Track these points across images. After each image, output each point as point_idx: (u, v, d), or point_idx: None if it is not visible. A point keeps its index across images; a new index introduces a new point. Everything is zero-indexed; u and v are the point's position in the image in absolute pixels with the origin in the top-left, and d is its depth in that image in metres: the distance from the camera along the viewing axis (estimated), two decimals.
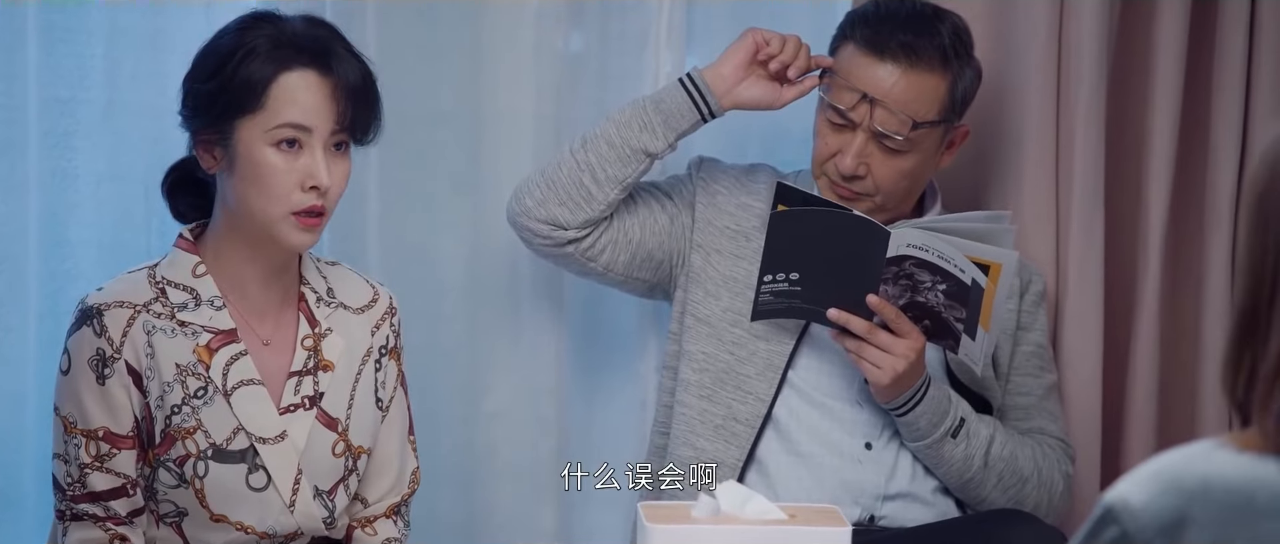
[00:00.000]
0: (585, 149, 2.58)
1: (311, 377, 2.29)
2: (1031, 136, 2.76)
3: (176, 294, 2.23)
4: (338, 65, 2.20)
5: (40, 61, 2.62)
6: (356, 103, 2.21)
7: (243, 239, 2.24)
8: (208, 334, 2.23)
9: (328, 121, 2.19)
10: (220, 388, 2.22)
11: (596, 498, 2.86)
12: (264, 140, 2.18)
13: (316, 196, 2.20)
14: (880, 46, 2.52)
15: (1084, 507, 2.70)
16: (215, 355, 2.23)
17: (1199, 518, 1.39)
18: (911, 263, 2.45)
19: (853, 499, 2.55)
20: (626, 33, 2.82)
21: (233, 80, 2.17)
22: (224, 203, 2.24)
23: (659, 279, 2.67)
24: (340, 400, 2.30)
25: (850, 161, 2.53)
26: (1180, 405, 2.87)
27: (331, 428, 2.29)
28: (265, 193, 2.19)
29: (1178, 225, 2.84)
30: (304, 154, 2.19)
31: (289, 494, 2.25)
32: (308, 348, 2.29)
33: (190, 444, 2.21)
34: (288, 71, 2.18)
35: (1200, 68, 2.82)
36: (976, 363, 2.52)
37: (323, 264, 2.37)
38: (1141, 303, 2.82)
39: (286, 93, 2.18)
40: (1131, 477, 1.42)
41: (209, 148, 2.22)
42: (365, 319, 2.35)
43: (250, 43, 2.18)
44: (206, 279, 2.25)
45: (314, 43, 2.20)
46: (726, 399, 2.59)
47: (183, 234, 2.28)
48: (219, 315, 2.24)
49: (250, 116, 2.18)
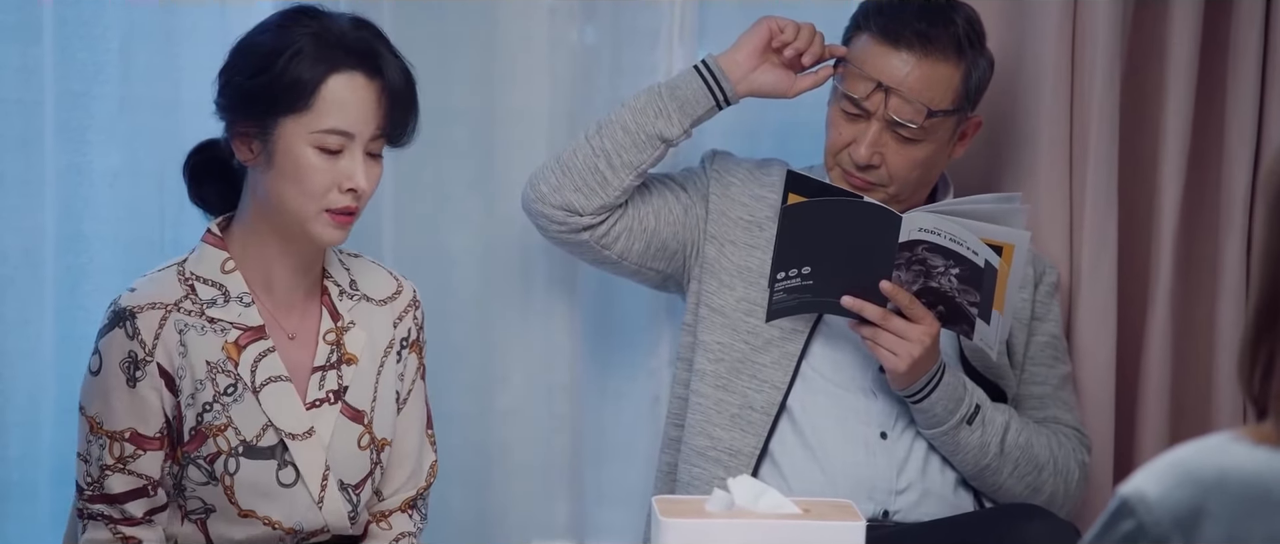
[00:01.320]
0: (600, 135, 2.59)
1: (335, 371, 2.29)
2: (1045, 128, 2.76)
3: (205, 290, 2.23)
4: (385, 68, 2.21)
5: (56, 57, 2.62)
6: (398, 108, 2.22)
7: (272, 232, 2.24)
8: (236, 330, 2.23)
9: (371, 127, 2.20)
10: (249, 385, 2.22)
11: (610, 494, 2.87)
12: (307, 141, 2.18)
13: (352, 198, 2.20)
14: (895, 36, 2.52)
15: (1097, 499, 2.70)
16: (243, 352, 2.23)
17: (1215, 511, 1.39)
18: (924, 248, 2.45)
19: (866, 494, 2.55)
20: (639, 27, 2.82)
21: (281, 78, 2.17)
22: (255, 195, 2.24)
23: (672, 270, 2.67)
24: (365, 393, 2.30)
25: (865, 150, 2.53)
26: (1194, 398, 2.87)
27: (357, 421, 2.29)
28: (302, 190, 2.19)
29: (1192, 217, 2.84)
30: (344, 158, 2.20)
31: (318, 490, 2.25)
32: (330, 342, 2.29)
33: (221, 441, 2.21)
34: (337, 73, 2.18)
35: (1214, 58, 2.81)
36: (992, 347, 2.52)
37: (345, 256, 2.37)
38: (1155, 295, 2.82)
39: (335, 96, 2.18)
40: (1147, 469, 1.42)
41: (247, 141, 2.21)
42: (388, 311, 2.35)
43: (298, 42, 2.18)
44: (235, 275, 2.25)
45: (361, 44, 2.20)
46: (742, 388, 2.59)
47: (211, 229, 2.28)
48: (247, 312, 2.24)
49: (296, 116, 2.18)
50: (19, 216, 2.63)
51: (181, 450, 2.21)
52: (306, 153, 2.18)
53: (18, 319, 2.65)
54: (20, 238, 2.64)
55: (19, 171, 2.63)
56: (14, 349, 2.65)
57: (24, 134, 2.62)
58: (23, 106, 2.62)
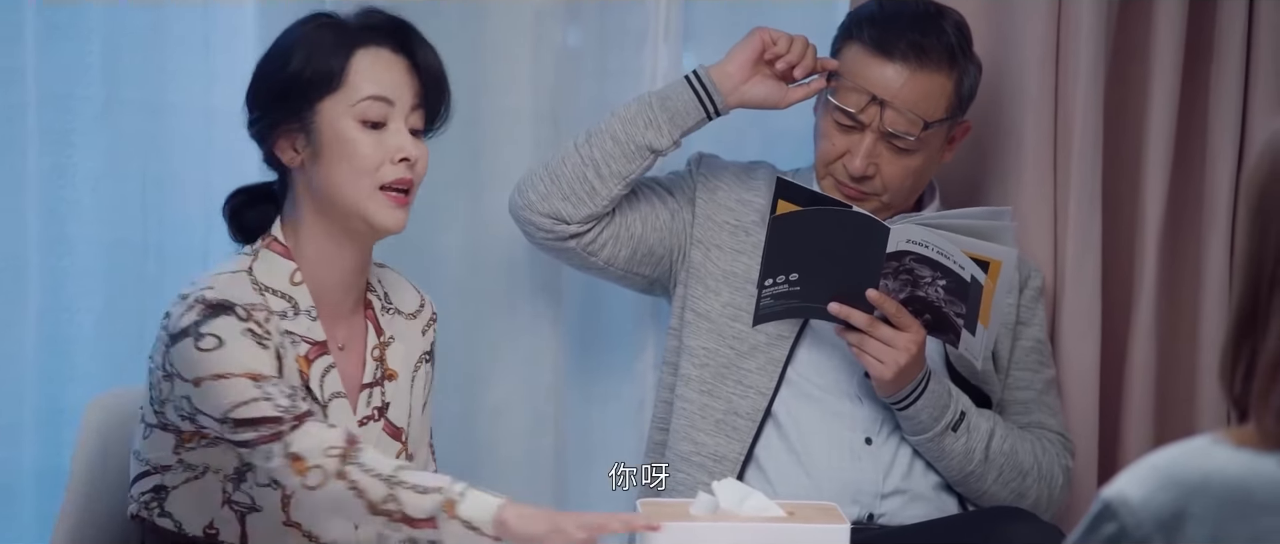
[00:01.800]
0: (590, 144, 2.58)
1: (380, 387, 2.28)
2: (1029, 132, 2.76)
3: (275, 302, 2.18)
4: (411, 44, 2.21)
5: (38, 59, 2.62)
6: (432, 84, 2.22)
7: (327, 234, 2.21)
8: (306, 345, 2.20)
9: (407, 97, 2.20)
10: (319, 399, 2.20)
11: (595, 494, 2.86)
12: (349, 115, 2.18)
13: (406, 168, 2.19)
14: (888, 47, 2.52)
15: (1081, 502, 2.70)
16: (312, 366, 2.20)
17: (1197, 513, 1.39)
18: (911, 258, 2.45)
19: (851, 497, 2.55)
20: (625, 28, 2.82)
21: (309, 65, 2.17)
22: (309, 196, 2.21)
23: (659, 274, 2.67)
24: (402, 410, 2.30)
25: (860, 163, 2.53)
26: (1178, 401, 2.87)
27: (396, 438, 2.29)
28: (354, 168, 2.17)
29: (1175, 220, 2.84)
30: (388, 131, 2.19)
31: None
32: (376, 358, 2.28)
33: None
34: (363, 48, 2.19)
35: (1198, 62, 2.82)
36: (977, 358, 2.53)
37: (377, 267, 2.35)
38: (1139, 298, 2.82)
39: (365, 67, 2.19)
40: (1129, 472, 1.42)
41: (290, 139, 2.19)
42: (417, 325, 2.35)
43: (318, 34, 2.19)
44: (303, 288, 2.21)
45: (385, 23, 2.22)
46: (727, 394, 2.59)
47: (276, 237, 2.22)
48: (314, 326, 2.21)
49: (331, 96, 2.18)
50: (2, 219, 2.63)
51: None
52: (350, 128, 2.18)
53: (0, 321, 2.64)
54: (3, 241, 2.63)
55: (2, 174, 2.62)
56: None
57: (6, 136, 2.62)
58: (5, 109, 2.62)
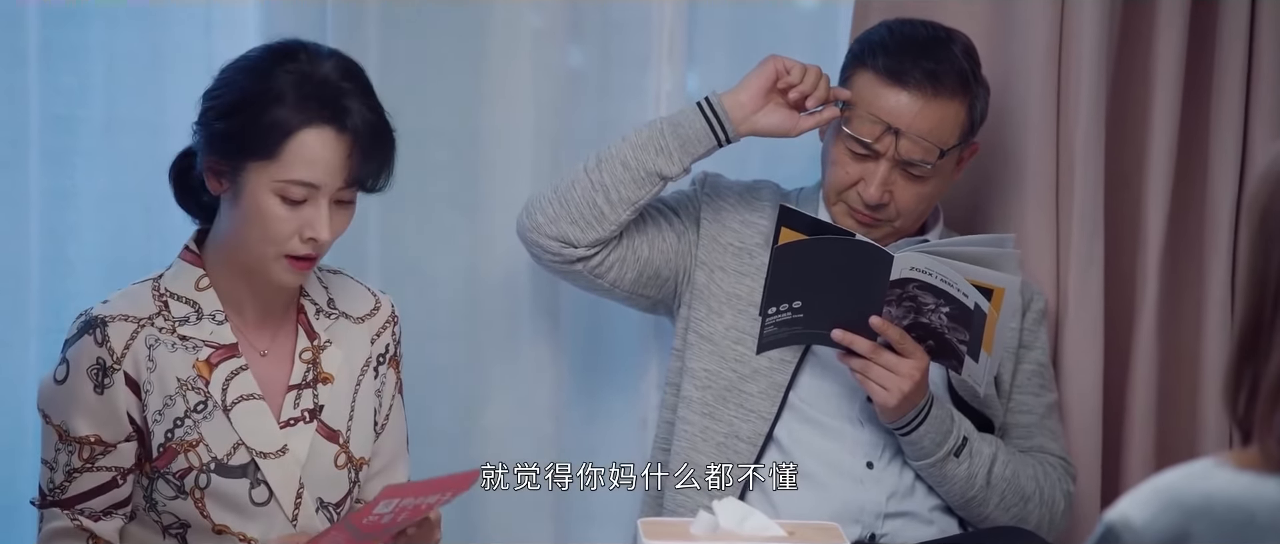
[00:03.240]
0: (600, 169, 2.58)
1: (311, 390, 2.29)
2: (1032, 154, 2.76)
3: (179, 307, 2.24)
4: (356, 121, 2.18)
5: (41, 79, 2.62)
6: (369, 158, 2.20)
7: (239, 263, 2.25)
8: (208, 349, 2.23)
9: (337, 179, 2.19)
10: (220, 403, 2.22)
11: (595, 516, 2.86)
12: (271, 188, 2.17)
13: (312, 246, 2.20)
14: (901, 75, 2.51)
15: (1083, 524, 2.70)
16: (215, 370, 2.23)
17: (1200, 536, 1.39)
18: (915, 286, 2.44)
19: (853, 518, 2.54)
20: (627, 50, 2.82)
21: (254, 125, 2.16)
22: (223, 226, 2.24)
23: (663, 296, 2.67)
24: (341, 413, 2.30)
25: (875, 191, 2.52)
26: (1180, 423, 2.87)
27: (333, 440, 2.29)
28: (263, 235, 2.19)
29: (1177, 242, 2.84)
30: (308, 207, 2.19)
31: (291, 508, 2.25)
32: (306, 361, 2.29)
33: (192, 457, 2.21)
34: (308, 128, 2.16)
35: (1199, 84, 2.82)
36: (980, 385, 2.52)
37: (324, 273, 2.37)
38: (1141, 320, 2.82)
39: (302, 150, 2.17)
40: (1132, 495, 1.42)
41: (217, 175, 2.21)
42: (366, 328, 2.35)
43: (276, 88, 2.16)
44: (209, 293, 2.25)
45: (339, 96, 2.18)
46: (728, 417, 2.59)
47: (188, 245, 2.28)
48: (220, 330, 2.24)
49: (262, 163, 2.17)
50: (3, 240, 2.64)
51: (151, 466, 2.21)
52: (270, 201, 2.18)
53: (1, 342, 2.64)
54: (4, 261, 2.64)
55: (3, 194, 2.63)
56: None
57: (8, 157, 2.63)
58: (7, 130, 2.63)
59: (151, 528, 2.25)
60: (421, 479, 2.13)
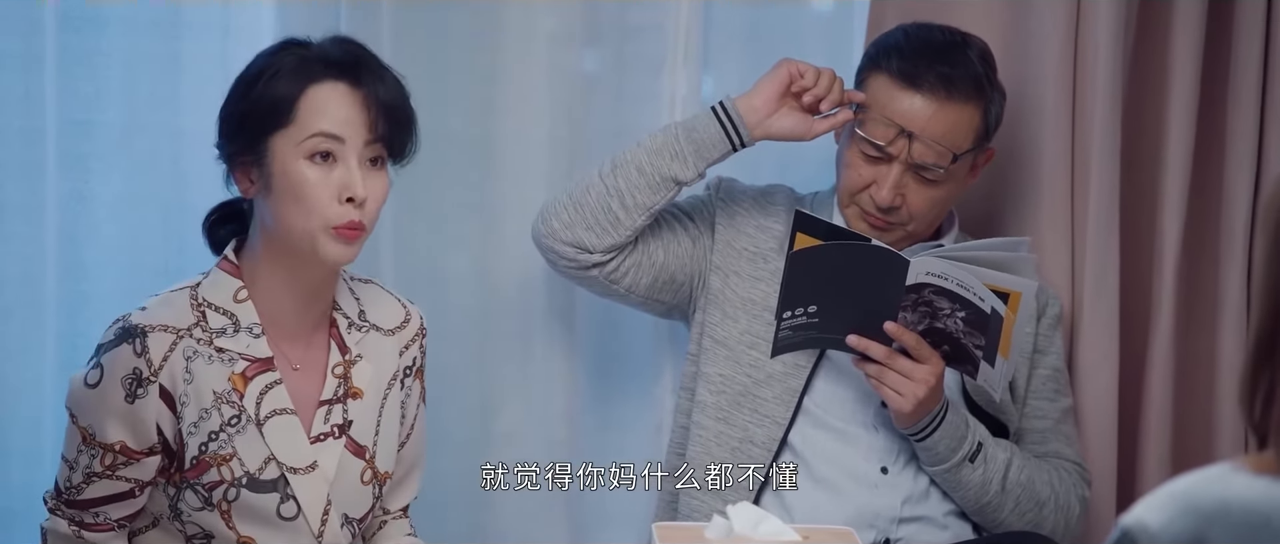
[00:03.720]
0: (615, 174, 2.58)
1: (341, 405, 2.28)
2: (1047, 158, 2.76)
3: (216, 318, 2.22)
4: (367, 78, 2.20)
5: (58, 85, 2.63)
6: (390, 115, 2.20)
7: (281, 262, 2.23)
8: (244, 362, 2.22)
9: (360, 132, 2.19)
10: (253, 417, 2.21)
11: (610, 521, 2.86)
12: (297, 153, 2.17)
13: (354, 209, 2.18)
14: (915, 78, 2.51)
15: (1099, 528, 2.70)
16: (250, 383, 2.22)
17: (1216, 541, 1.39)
18: (930, 291, 2.44)
19: (868, 523, 2.54)
20: (642, 54, 2.82)
21: (262, 98, 2.17)
22: (263, 226, 2.23)
23: (678, 301, 2.67)
24: (368, 428, 2.30)
25: (887, 194, 2.52)
26: (1196, 427, 2.86)
27: (360, 456, 2.29)
28: (302, 207, 2.17)
29: (1193, 246, 2.84)
30: (338, 166, 2.18)
31: (318, 524, 2.24)
32: (338, 376, 2.29)
33: (225, 471, 2.20)
34: (316, 83, 2.18)
35: (1216, 87, 2.82)
36: (996, 390, 2.52)
37: (356, 282, 2.36)
38: (1157, 324, 2.82)
39: (316, 104, 2.17)
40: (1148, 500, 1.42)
41: (246, 171, 2.21)
42: (395, 341, 2.35)
43: (277, 64, 2.19)
44: (247, 305, 2.23)
45: (343, 57, 2.20)
46: (743, 422, 2.59)
47: (227, 256, 2.26)
48: (256, 343, 2.23)
49: (282, 131, 2.17)
50: (20, 244, 2.64)
51: (181, 475, 2.21)
52: (300, 166, 2.17)
53: (18, 347, 2.66)
54: (21, 265, 2.65)
55: (21, 199, 2.64)
56: (15, 377, 2.66)
57: (26, 162, 2.63)
58: (25, 135, 2.63)
59: (174, 536, 2.25)
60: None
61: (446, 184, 2.79)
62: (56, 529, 2.24)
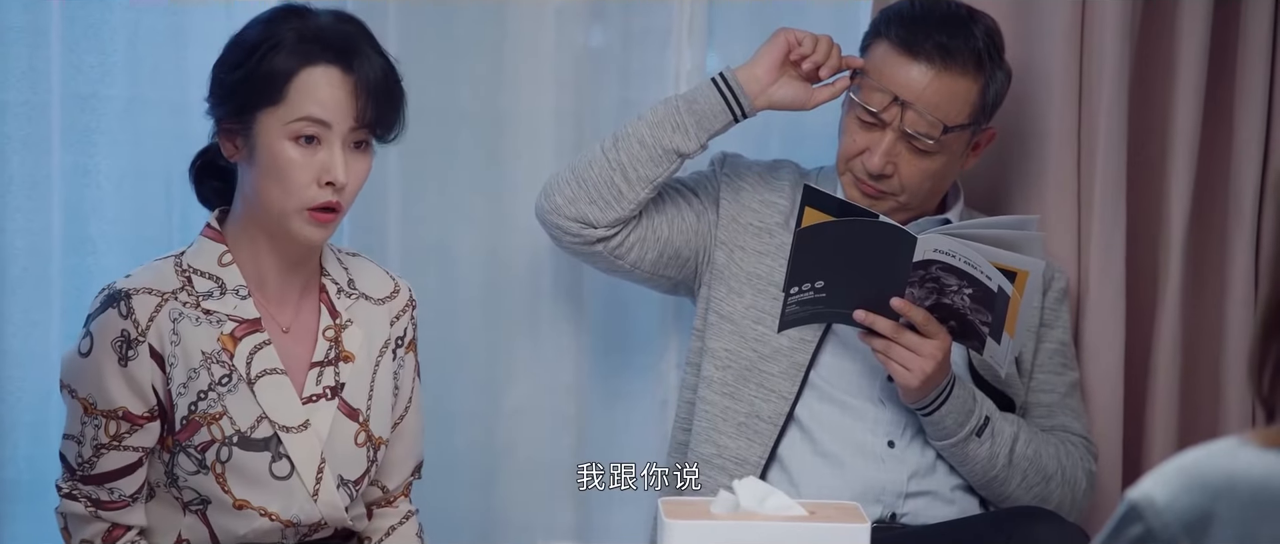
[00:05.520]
0: (617, 148, 2.58)
1: (333, 367, 2.30)
2: (1053, 134, 2.75)
3: (202, 282, 2.24)
4: (360, 63, 2.21)
5: (63, 59, 2.63)
6: (378, 101, 2.22)
7: (261, 229, 2.25)
8: (232, 323, 2.24)
9: (347, 118, 2.20)
10: (244, 376, 2.23)
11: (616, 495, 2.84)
12: (283, 133, 2.19)
13: (332, 193, 2.21)
14: (914, 46, 2.51)
15: (1106, 503, 2.70)
16: (239, 344, 2.24)
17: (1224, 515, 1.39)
18: (938, 267, 2.44)
19: (875, 497, 2.54)
20: (648, 29, 2.82)
21: (257, 72, 2.19)
22: (243, 193, 2.26)
23: (684, 276, 2.67)
24: (361, 391, 2.31)
25: (878, 160, 2.52)
26: (1203, 402, 2.86)
27: (353, 418, 2.30)
28: (282, 186, 2.20)
29: (1200, 221, 2.83)
30: (322, 149, 2.20)
31: (313, 483, 2.25)
32: (329, 339, 2.30)
33: (215, 430, 2.22)
34: (310, 66, 2.19)
35: (1223, 64, 2.81)
36: (1001, 366, 2.52)
37: (344, 255, 2.38)
38: (1163, 299, 2.81)
39: (307, 87, 2.19)
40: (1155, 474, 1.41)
41: (231, 137, 2.23)
42: (386, 310, 2.36)
43: (276, 36, 2.20)
44: (232, 268, 2.26)
45: (340, 39, 2.21)
46: (749, 396, 2.59)
47: (210, 223, 2.29)
48: (243, 304, 2.25)
49: (271, 109, 2.19)
50: (26, 218, 2.64)
51: (173, 438, 2.22)
52: (284, 146, 2.19)
53: (25, 321, 2.66)
54: (27, 240, 2.65)
55: (26, 173, 2.64)
56: (21, 350, 2.66)
57: (31, 136, 2.63)
58: (30, 109, 2.63)
59: (172, 505, 2.26)
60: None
61: (453, 160, 2.79)
62: (73, 511, 2.25)
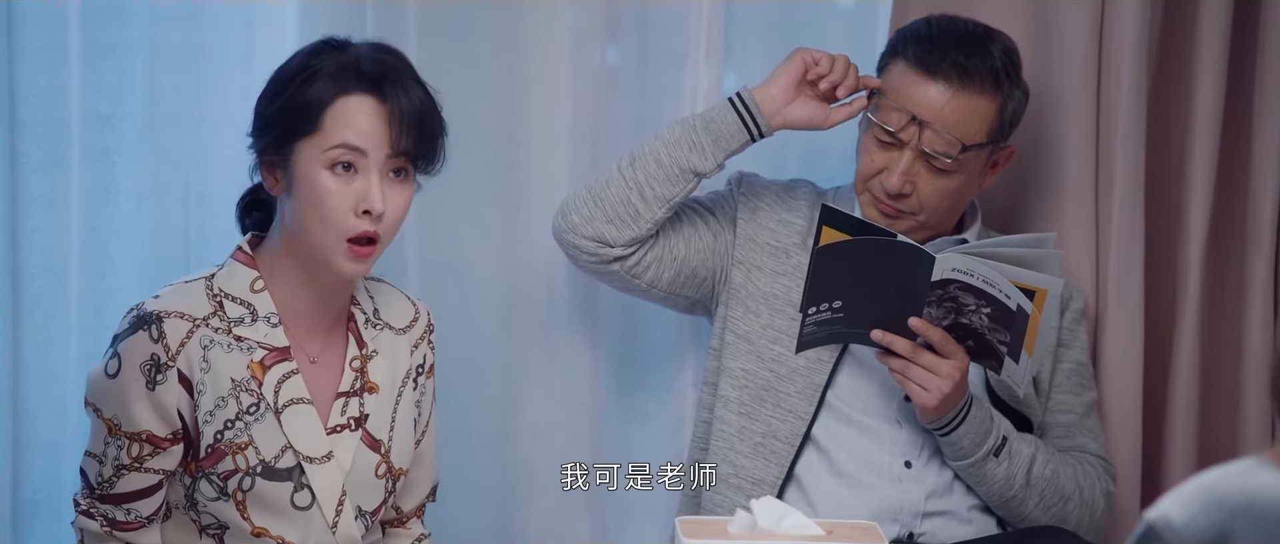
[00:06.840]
0: (634, 167, 2.58)
1: (358, 398, 2.29)
2: (1071, 152, 2.75)
3: (233, 308, 2.24)
4: (396, 91, 2.21)
5: (82, 78, 2.64)
6: (415, 129, 2.21)
7: (299, 261, 2.25)
8: (262, 350, 2.23)
9: (383, 146, 2.20)
10: (272, 405, 2.23)
11: (632, 514, 2.86)
12: (320, 162, 2.19)
13: (370, 222, 2.20)
14: (932, 66, 2.51)
15: (1124, 523, 2.69)
16: (268, 372, 2.23)
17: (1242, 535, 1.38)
18: (956, 286, 2.43)
19: (892, 517, 2.54)
20: (665, 48, 2.82)
21: (293, 102, 2.19)
22: (283, 224, 2.25)
23: (701, 295, 2.67)
24: (383, 423, 2.31)
25: (897, 180, 2.52)
26: (1222, 422, 2.85)
27: (375, 449, 2.30)
28: (320, 216, 2.19)
29: (1218, 240, 2.83)
30: (359, 178, 2.20)
31: (333, 515, 2.25)
32: (356, 369, 2.30)
33: (240, 460, 2.21)
34: (346, 95, 2.19)
35: (1241, 82, 2.80)
36: (1019, 386, 2.51)
37: (369, 282, 2.37)
38: (1182, 318, 2.81)
39: (342, 116, 2.19)
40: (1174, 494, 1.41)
41: (272, 169, 2.23)
42: (407, 339, 2.36)
43: (314, 67, 2.20)
44: (264, 295, 2.25)
45: (377, 68, 2.21)
46: (766, 416, 2.59)
47: (242, 246, 2.28)
48: (274, 332, 2.24)
49: (308, 138, 2.19)
50: (44, 236, 2.65)
51: (197, 465, 2.22)
52: (321, 175, 2.19)
53: (42, 339, 2.67)
54: (46, 258, 2.66)
55: (45, 191, 2.65)
56: (39, 368, 2.67)
57: (50, 154, 2.64)
58: (48, 127, 2.64)
59: (188, 528, 2.26)
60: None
61: (470, 178, 2.79)
62: (89, 528, 2.25)
